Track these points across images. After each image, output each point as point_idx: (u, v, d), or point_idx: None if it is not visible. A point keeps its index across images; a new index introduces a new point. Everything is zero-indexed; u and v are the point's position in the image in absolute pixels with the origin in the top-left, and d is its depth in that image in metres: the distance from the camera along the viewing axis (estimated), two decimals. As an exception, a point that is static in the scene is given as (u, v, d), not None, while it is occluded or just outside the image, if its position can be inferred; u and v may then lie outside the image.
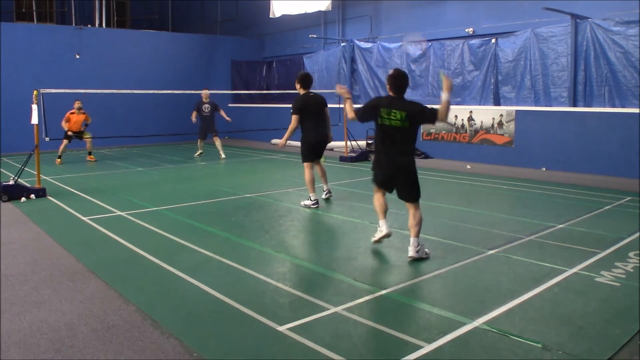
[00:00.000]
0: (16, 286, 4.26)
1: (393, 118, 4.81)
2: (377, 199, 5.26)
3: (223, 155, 13.24)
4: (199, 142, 13.92)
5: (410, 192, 5.02)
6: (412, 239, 4.92)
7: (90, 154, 13.06)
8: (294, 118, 7.16)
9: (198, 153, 13.85)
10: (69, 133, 12.40)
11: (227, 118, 13.34)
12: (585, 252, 5.15)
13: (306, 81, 7.34)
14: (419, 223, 4.97)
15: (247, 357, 3.12)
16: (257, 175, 10.83)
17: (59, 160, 12.39)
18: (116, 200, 7.83)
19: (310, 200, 7.31)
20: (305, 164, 7.40)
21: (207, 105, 13.38)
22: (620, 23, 10.27)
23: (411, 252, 4.90)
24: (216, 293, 4.08)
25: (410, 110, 4.82)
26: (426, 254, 5.00)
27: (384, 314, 3.68)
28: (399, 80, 4.92)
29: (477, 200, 8.12)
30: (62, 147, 12.40)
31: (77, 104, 12.44)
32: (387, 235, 5.26)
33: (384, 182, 5.16)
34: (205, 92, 13.43)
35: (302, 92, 7.34)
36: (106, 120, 15.74)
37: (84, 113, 12.55)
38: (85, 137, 12.73)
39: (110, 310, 3.77)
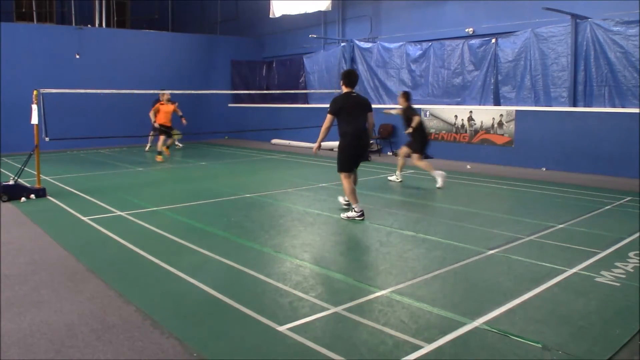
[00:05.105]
0: (16, 286, 4.25)
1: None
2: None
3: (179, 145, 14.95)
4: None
5: None
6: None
7: (168, 148, 12.96)
8: (328, 118, 6.41)
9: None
10: (156, 125, 12.31)
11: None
12: (585, 252, 5.15)
13: (349, 79, 6.49)
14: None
15: (247, 357, 3.12)
16: (257, 175, 10.83)
17: (159, 157, 12.41)
18: (116, 200, 7.83)
19: (355, 212, 6.52)
20: (342, 174, 6.56)
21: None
22: (620, 23, 10.27)
23: None
24: (216, 293, 4.08)
25: None
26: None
27: (383, 314, 3.67)
28: None
29: (477, 200, 8.11)
30: (160, 141, 12.47)
31: (166, 95, 12.37)
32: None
33: None
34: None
35: (344, 90, 6.51)
36: (106, 120, 15.78)
37: (173, 103, 12.54)
38: (175, 134, 12.63)
39: (110, 310, 3.76)
